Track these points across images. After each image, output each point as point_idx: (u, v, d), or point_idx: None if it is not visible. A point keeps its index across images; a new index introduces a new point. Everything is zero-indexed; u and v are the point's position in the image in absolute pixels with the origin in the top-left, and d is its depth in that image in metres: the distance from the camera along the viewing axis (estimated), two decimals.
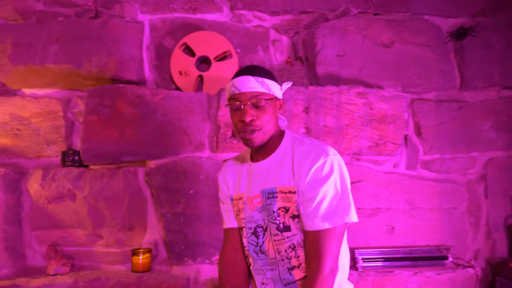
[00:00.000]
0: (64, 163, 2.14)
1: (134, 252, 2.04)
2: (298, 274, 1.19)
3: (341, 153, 2.11)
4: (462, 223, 2.26)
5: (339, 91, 2.10)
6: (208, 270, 2.07)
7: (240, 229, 1.31)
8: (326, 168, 1.13)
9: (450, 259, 2.11)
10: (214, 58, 2.31)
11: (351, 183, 2.13)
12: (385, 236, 2.21)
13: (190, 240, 2.03)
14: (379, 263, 2.11)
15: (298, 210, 1.16)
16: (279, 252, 1.20)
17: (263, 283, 1.25)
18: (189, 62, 2.29)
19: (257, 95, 1.18)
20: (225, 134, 2.08)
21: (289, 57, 2.44)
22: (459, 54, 2.36)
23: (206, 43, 2.30)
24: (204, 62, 2.36)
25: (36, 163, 2.22)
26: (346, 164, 2.14)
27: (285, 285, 1.21)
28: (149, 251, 2.07)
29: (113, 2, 2.32)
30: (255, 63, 2.40)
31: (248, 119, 1.17)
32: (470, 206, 2.28)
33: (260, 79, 1.19)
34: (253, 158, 1.31)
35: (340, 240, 1.13)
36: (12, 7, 2.31)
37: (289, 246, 1.18)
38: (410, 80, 2.31)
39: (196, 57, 2.30)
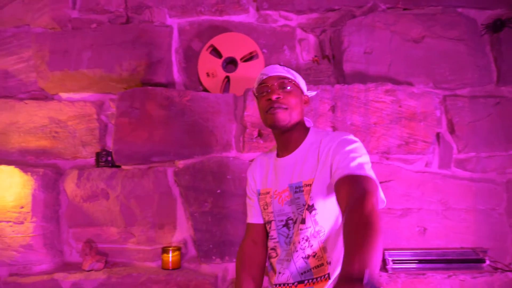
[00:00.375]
0: (98, 163, 2.23)
1: (164, 250, 2.09)
2: (313, 262, 1.19)
3: (369, 152, 2.07)
4: (501, 225, 2.15)
5: (366, 89, 2.06)
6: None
7: (267, 222, 1.33)
8: (351, 141, 1.15)
9: (487, 262, 2.01)
10: (241, 59, 2.33)
11: (380, 182, 2.11)
12: (416, 237, 2.14)
13: (217, 239, 2.06)
14: (410, 265, 2.04)
15: (312, 199, 1.17)
16: (294, 244, 1.22)
17: (279, 272, 1.26)
18: (216, 64, 2.32)
19: (284, 78, 1.26)
20: (252, 134, 2.10)
21: (315, 56, 2.43)
22: (496, 47, 2.25)
23: (232, 44, 2.33)
24: (230, 63, 2.39)
25: (72, 164, 2.33)
26: (375, 163, 2.13)
27: (301, 273, 1.21)
28: (179, 249, 2.12)
29: (143, 8, 2.39)
30: (281, 63, 2.40)
31: (274, 96, 1.23)
32: (510, 207, 2.17)
33: (286, 68, 1.29)
34: (279, 154, 1.35)
35: (378, 197, 0.98)
36: (50, 16, 2.43)
37: (303, 238, 1.19)
38: (443, 76, 2.23)
39: (223, 58, 2.33)
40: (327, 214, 1.18)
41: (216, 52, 2.37)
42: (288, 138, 1.30)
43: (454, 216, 2.13)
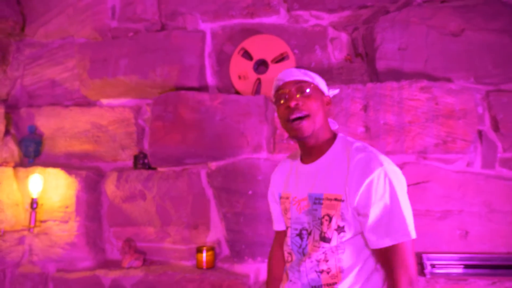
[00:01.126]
0: (135, 166, 2.33)
1: (198, 250, 2.15)
2: (326, 279, 1.15)
3: (404, 152, 2.00)
4: None
5: (400, 87, 1.99)
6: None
7: (287, 228, 1.30)
8: (382, 183, 1.07)
9: None
10: (271, 61, 2.34)
11: (417, 183, 2.04)
12: (457, 241, 2.03)
13: (249, 239, 2.08)
14: (451, 270, 1.94)
15: (344, 220, 1.12)
16: (309, 257, 1.18)
17: (291, 281, 1.23)
18: (247, 66, 2.35)
19: (301, 82, 1.19)
20: (282, 135, 2.10)
21: (348, 55, 2.38)
22: None
23: (263, 46, 2.34)
24: (262, 65, 2.41)
25: (113, 166, 2.45)
26: (412, 164, 2.06)
27: (312, 287, 1.18)
28: (212, 249, 2.16)
29: (176, 14, 2.47)
30: (313, 63, 2.38)
31: (293, 103, 1.16)
32: None
33: (303, 70, 1.22)
34: (303, 159, 1.28)
35: (412, 254, 1.05)
36: (92, 27, 2.58)
37: (321, 252, 1.15)
38: (485, 70, 2.11)
39: (254, 60, 2.35)
40: (350, 237, 1.13)
41: (247, 55, 2.39)
42: (312, 145, 1.22)
43: (499, 219, 2.00)
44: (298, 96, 1.18)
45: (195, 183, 2.21)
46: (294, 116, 1.17)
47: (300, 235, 1.22)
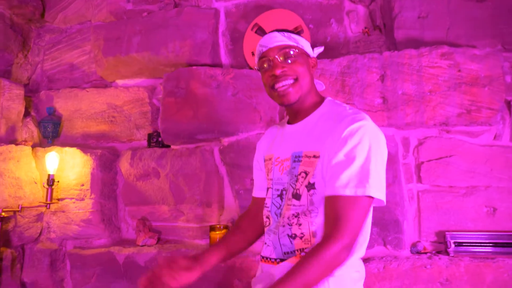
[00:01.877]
0: (149, 144, 2.32)
1: (212, 228, 2.11)
2: (298, 244, 1.09)
3: (425, 123, 1.89)
4: None
5: (419, 54, 1.89)
6: None
7: (267, 189, 1.24)
8: (360, 134, 1.03)
9: None
10: None
11: (439, 158, 1.93)
12: (484, 219, 1.91)
13: None
14: (476, 248, 1.82)
15: (314, 177, 1.06)
16: (283, 217, 1.12)
17: (265, 243, 1.18)
18: None
19: (285, 47, 1.14)
20: None
21: (366, 28, 2.28)
22: None
23: (277, 21, 2.28)
24: None
25: (128, 146, 2.46)
26: (434, 138, 1.95)
27: (284, 253, 1.11)
28: (226, 227, 2.12)
29: None
30: (329, 37, 2.30)
31: (278, 71, 1.12)
32: None
33: (286, 33, 1.15)
34: (289, 121, 1.25)
35: (364, 214, 1.01)
36: (108, 10, 2.59)
37: (293, 214, 1.09)
38: None
39: None
40: (323, 197, 1.07)
41: (261, 31, 2.34)
42: (298, 107, 1.19)
43: None
44: (283, 62, 1.13)
45: (208, 161, 2.18)
46: (279, 85, 1.13)
47: (281, 195, 1.17)
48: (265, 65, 1.16)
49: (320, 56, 2.22)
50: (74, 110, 2.53)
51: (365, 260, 1.84)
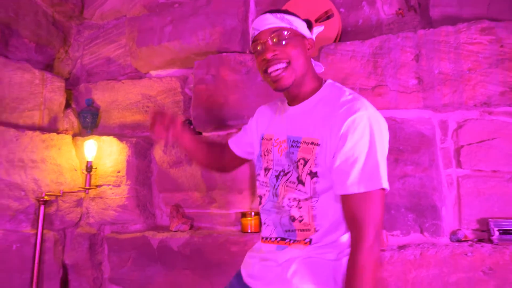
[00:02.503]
0: None
1: (243, 214, 2.11)
2: (298, 225, 1.09)
3: (464, 104, 1.80)
4: None
5: (457, 30, 1.79)
6: None
7: (266, 169, 1.22)
8: (360, 127, 1.00)
9: None
10: (315, 20, 2.24)
11: (481, 141, 1.83)
12: None
13: None
14: None
15: (317, 166, 1.05)
16: (283, 198, 1.11)
17: (265, 223, 1.19)
18: None
19: (276, 30, 1.10)
20: None
21: (399, 8, 2.20)
22: None
23: (306, 7, 2.25)
24: (308, 27, 2.31)
25: None
26: (474, 120, 1.85)
27: (285, 231, 1.12)
28: (257, 213, 2.12)
29: None
30: (360, 20, 2.24)
31: (269, 55, 1.09)
32: None
33: (279, 14, 1.12)
34: (289, 102, 1.23)
35: (381, 206, 1.00)
36: (141, 4, 2.67)
37: (294, 198, 1.09)
38: None
39: None
40: (327, 185, 1.06)
41: None
42: (296, 92, 1.16)
43: None
44: (274, 45, 1.10)
45: None
46: (272, 69, 1.10)
47: (277, 176, 1.16)
48: (258, 48, 1.14)
49: (351, 38, 2.17)
50: (111, 101, 2.62)
51: (401, 247, 1.77)
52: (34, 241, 2.10)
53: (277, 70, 1.11)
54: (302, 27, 1.16)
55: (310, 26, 1.23)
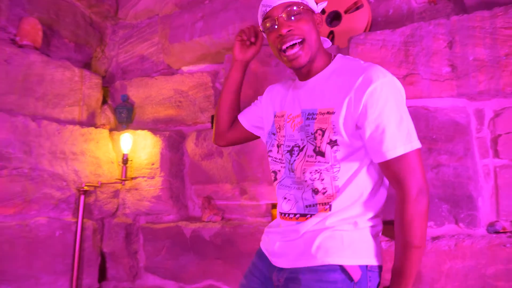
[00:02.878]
0: (212, 124, 2.41)
1: (274, 206, 2.14)
2: (320, 198, 1.09)
3: (502, 91, 1.74)
4: None
5: (493, 15, 1.74)
6: None
7: (278, 146, 1.23)
8: (382, 94, 1.02)
9: None
10: (345, 12, 2.23)
11: None
12: None
13: None
14: None
15: (336, 133, 1.06)
16: (304, 173, 1.11)
17: (285, 198, 1.18)
18: None
19: (289, 5, 1.11)
20: None
21: None
22: None
23: None
24: (335, 19, 2.31)
25: (193, 129, 2.58)
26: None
27: (306, 206, 1.11)
28: None
29: None
30: (391, 10, 2.21)
31: (284, 30, 1.10)
32: None
33: None
34: (300, 78, 1.23)
35: (419, 163, 1.03)
36: (173, 3, 2.75)
37: (316, 170, 1.09)
38: None
39: (326, 13, 2.27)
40: (346, 152, 1.07)
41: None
42: (308, 67, 1.17)
43: None
44: (288, 21, 1.10)
45: None
46: (287, 45, 1.11)
47: (291, 151, 1.16)
48: (268, 25, 1.15)
49: (381, 28, 2.15)
50: (144, 97, 2.71)
51: (434, 238, 1.74)
52: (75, 229, 2.21)
53: (293, 47, 1.11)
54: (311, 2, 1.17)
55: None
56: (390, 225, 1.16)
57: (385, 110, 1.01)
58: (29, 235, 1.99)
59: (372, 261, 1.07)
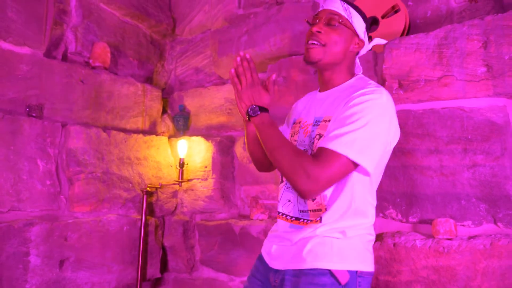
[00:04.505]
0: None
1: None
2: (310, 205, 1.17)
3: None
4: None
5: None
6: (380, 223, 2.06)
7: None
8: (365, 104, 1.10)
9: None
10: (382, 17, 2.30)
11: None
12: None
13: None
14: None
15: None
16: None
17: (289, 200, 1.27)
18: None
19: (335, 14, 1.22)
20: (391, 86, 2.05)
21: None
22: None
23: (374, 2, 2.32)
24: (373, 24, 2.38)
25: (242, 134, 2.79)
26: None
27: (300, 211, 1.20)
28: None
29: None
30: (429, 12, 2.24)
31: (315, 29, 1.21)
32: None
33: (346, 5, 1.23)
34: (320, 89, 1.36)
35: (340, 172, 1.07)
36: (223, 18, 2.99)
37: None
38: None
39: None
40: None
41: None
42: (326, 77, 1.28)
43: None
44: (325, 25, 1.22)
45: None
46: (311, 41, 1.22)
47: None
48: (312, 20, 1.28)
49: (420, 30, 2.18)
50: (199, 106, 2.98)
51: (471, 237, 1.76)
52: (140, 225, 2.53)
53: (314, 44, 1.22)
54: (359, 25, 1.26)
55: (370, 27, 1.36)
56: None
57: (356, 115, 1.08)
58: (102, 230, 2.32)
59: (361, 267, 1.13)
